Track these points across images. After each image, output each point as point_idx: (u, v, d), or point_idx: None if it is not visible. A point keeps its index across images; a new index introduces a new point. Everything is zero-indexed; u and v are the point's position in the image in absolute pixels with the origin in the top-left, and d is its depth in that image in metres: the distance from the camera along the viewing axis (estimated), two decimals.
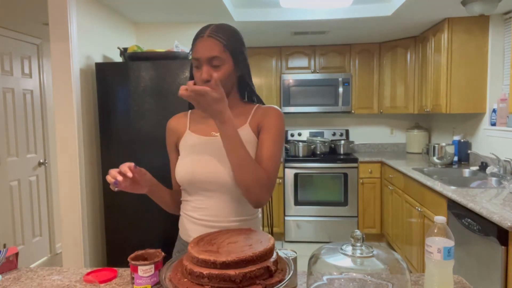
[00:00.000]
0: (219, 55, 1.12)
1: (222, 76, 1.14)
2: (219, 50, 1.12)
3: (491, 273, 1.90)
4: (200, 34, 1.14)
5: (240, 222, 1.21)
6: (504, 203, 2.05)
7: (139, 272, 1.01)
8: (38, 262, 3.62)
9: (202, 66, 1.13)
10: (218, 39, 1.12)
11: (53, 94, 2.32)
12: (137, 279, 1.01)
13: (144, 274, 1.01)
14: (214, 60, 1.12)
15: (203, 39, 1.13)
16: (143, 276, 1.01)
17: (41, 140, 3.70)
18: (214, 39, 1.12)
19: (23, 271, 1.25)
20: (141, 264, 1.01)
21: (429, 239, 0.95)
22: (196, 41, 1.14)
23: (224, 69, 1.14)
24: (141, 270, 1.01)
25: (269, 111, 1.22)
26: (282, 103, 4.34)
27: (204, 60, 1.12)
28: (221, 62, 1.13)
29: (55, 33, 2.27)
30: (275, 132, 1.19)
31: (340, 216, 4.12)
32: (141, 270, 1.01)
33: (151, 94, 2.40)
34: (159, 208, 2.41)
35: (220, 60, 1.12)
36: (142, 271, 1.01)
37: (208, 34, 1.13)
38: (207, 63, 1.12)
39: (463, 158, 3.47)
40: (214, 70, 1.13)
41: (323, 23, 3.43)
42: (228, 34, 1.15)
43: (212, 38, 1.12)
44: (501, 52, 3.12)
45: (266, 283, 0.83)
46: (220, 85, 1.03)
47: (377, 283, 0.92)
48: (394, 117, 4.69)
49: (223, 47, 1.12)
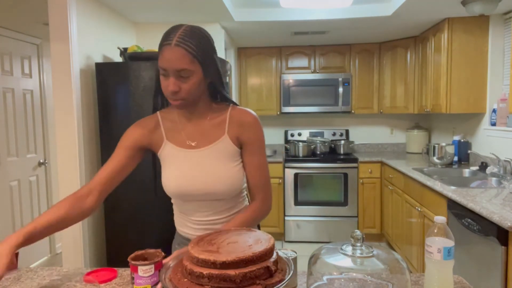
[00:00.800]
0: (187, 67, 1.05)
1: (190, 87, 1.09)
2: (187, 61, 1.05)
3: (491, 273, 1.90)
4: (166, 40, 1.06)
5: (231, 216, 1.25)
6: (504, 203, 2.05)
7: (139, 272, 1.01)
8: (38, 262, 3.62)
9: (169, 76, 1.08)
10: (186, 48, 1.04)
11: (53, 94, 2.32)
12: (137, 279, 1.01)
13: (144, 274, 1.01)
14: (182, 72, 1.06)
15: (170, 47, 1.05)
16: (143, 276, 1.01)
17: (41, 140, 3.70)
18: (182, 48, 1.04)
19: (23, 271, 1.25)
20: (141, 264, 1.01)
21: (429, 239, 0.95)
22: (163, 48, 1.07)
23: (193, 79, 1.08)
24: (141, 270, 1.01)
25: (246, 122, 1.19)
26: (282, 103, 4.34)
27: (171, 72, 1.06)
28: (189, 73, 1.07)
29: (55, 33, 2.27)
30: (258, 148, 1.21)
31: (340, 216, 4.11)
32: (141, 270, 1.01)
33: (151, 94, 2.40)
34: (159, 208, 2.41)
35: (188, 72, 1.06)
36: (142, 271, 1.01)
37: (175, 42, 1.04)
38: (174, 74, 1.07)
39: (463, 158, 3.47)
40: (182, 82, 1.08)
41: (323, 23, 3.43)
42: (197, 40, 1.07)
43: (180, 48, 1.04)
44: (501, 52, 3.12)
45: (266, 283, 0.83)
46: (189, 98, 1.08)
47: (377, 283, 0.92)
48: (394, 117, 4.69)
49: (191, 57, 1.05)
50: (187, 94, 1.09)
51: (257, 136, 1.21)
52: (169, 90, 1.08)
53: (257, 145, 1.21)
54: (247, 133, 1.19)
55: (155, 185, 1.34)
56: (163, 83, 1.10)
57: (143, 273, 1.01)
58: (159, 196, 2.40)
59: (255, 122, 1.20)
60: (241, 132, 1.19)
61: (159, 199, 2.42)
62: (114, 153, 1.22)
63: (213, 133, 1.19)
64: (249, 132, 1.19)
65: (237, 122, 1.19)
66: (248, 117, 1.20)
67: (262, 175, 1.22)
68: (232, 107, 1.23)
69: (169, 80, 1.08)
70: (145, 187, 2.42)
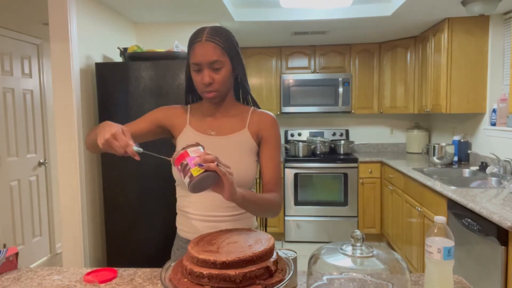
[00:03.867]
0: (219, 59, 1.15)
1: (222, 78, 1.18)
2: (218, 54, 1.15)
3: (491, 273, 1.90)
4: (196, 38, 1.16)
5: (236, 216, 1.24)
6: (504, 203, 2.05)
7: (191, 154, 0.91)
8: (38, 262, 3.62)
9: (203, 70, 1.16)
10: (216, 42, 1.15)
11: (53, 94, 2.32)
12: (191, 160, 0.90)
13: (195, 154, 0.92)
14: (215, 64, 1.15)
15: (201, 43, 1.15)
16: (195, 156, 0.91)
17: (41, 140, 3.70)
18: (212, 42, 1.14)
19: (23, 271, 1.25)
20: (189, 146, 0.93)
21: (429, 239, 0.95)
22: (194, 46, 1.16)
23: (224, 71, 1.17)
24: (191, 151, 0.92)
25: (267, 120, 1.28)
26: (282, 103, 4.34)
27: (205, 65, 1.15)
28: (221, 64, 1.16)
29: (55, 33, 2.27)
30: (277, 144, 1.28)
31: (340, 216, 4.11)
32: (191, 151, 0.92)
33: (151, 94, 2.40)
34: (159, 208, 2.42)
35: (220, 63, 1.16)
36: (193, 152, 0.92)
37: (205, 38, 1.15)
38: (208, 67, 1.15)
39: (463, 158, 3.47)
40: (215, 73, 1.17)
41: (323, 23, 3.43)
42: (224, 36, 1.17)
43: (210, 42, 1.14)
44: (501, 52, 3.12)
45: (266, 283, 0.83)
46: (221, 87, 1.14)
47: (377, 283, 0.92)
48: (394, 117, 4.69)
49: (221, 50, 1.15)
50: (219, 85, 1.18)
51: (276, 134, 1.28)
52: (204, 82, 1.16)
53: (276, 142, 1.28)
54: (267, 130, 1.26)
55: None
56: (197, 78, 1.18)
57: (194, 153, 0.92)
58: (159, 195, 2.41)
59: (275, 121, 1.29)
60: (261, 128, 1.26)
61: (159, 198, 2.42)
62: (137, 120, 1.29)
63: (233, 125, 1.26)
64: (269, 129, 1.27)
65: (257, 120, 1.27)
66: (269, 116, 1.29)
67: (278, 171, 1.26)
68: (253, 109, 1.31)
69: (202, 73, 1.16)
70: (145, 187, 2.42)
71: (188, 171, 0.89)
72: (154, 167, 2.41)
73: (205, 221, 1.22)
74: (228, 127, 1.26)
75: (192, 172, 0.89)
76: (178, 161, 0.92)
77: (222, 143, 1.23)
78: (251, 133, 1.26)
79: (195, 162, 0.90)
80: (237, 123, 1.27)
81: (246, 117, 1.28)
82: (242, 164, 1.21)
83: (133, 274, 1.19)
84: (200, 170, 0.89)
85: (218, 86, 1.18)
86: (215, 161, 0.90)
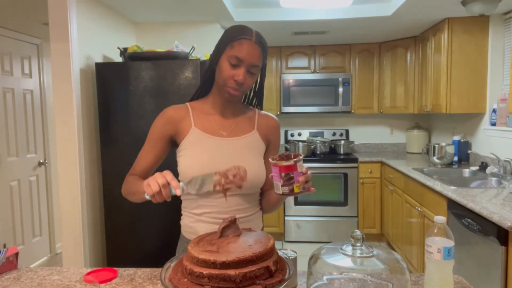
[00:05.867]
0: (259, 65, 1.17)
1: (252, 83, 1.20)
2: (260, 60, 1.17)
3: (491, 273, 1.90)
4: (246, 35, 1.15)
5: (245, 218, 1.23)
6: (504, 203, 2.05)
7: (298, 169, 0.98)
8: (38, 262, 3.62)
9: (241, 67, 1.15)
10: (262, 48, 1.17)
11: (53, 94, 2.32)
12: (297, 176, 0.98)
13: (301, 170, 0.99)
14: (254, 68, 1.16)
15: (251, 42, 1.14)
16: (301, 172, 0.98)
17: (41, 140, 3.70)
18: (260, 48, 1.16)
19: (23, 271, 1.25)
20: (299, 160, 0.97)
21: (429, 239, 0.95)
22: (242, 41, 1.14)
23: (255, 77, 1.20)
24: (299, 166, 0.98)
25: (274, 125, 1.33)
26: (282, 103, 4.34)
27: (247, 64, 1.15)
28: (257, 71, 1.19)
29: (55, 33, 2.27)
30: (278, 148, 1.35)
31: (340, 216, 4.11)
32: (299, 166, 0.98)
33: (151, 94, 2.40)
34: (159, 208, 2.41)
35: (258, 69, 1.18)
36: (300, 167, 0.98)
37: (255, 40, 1.15)
38: (247, 67, 1.15)
39: (463, 158, 3.47)
40: (249, 76, 1.17)
41: (323, 23, 3.43)
42: (265, 45, 1.19)
43: (258, 47, 1.16)
44: (501, 52, 3.12)
45: (266, 283, 0.83)
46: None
47: (377, 283, 0.92)
48: (394, 117, 4.69)
49: (262, 58, 1.18)
50: (247, 88, 1.20)
51: (279, 137, 1.36)
52: (238, 79, 1.15)
53: (279, 145, 1.35)
54: (274, 134, 1.32)
55: None
56: (230, 72, 1.15)
57: (300, 168, 0.99)
58: None
59: (279, 125, 1.35)
60: (270, 132, 1.31)
61: None
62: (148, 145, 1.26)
63: (243, 127, 1.27)
64: (275, 133, 1.33)
65: (265, 123, 1.31)
66: (275, 121, 1.34)
67: None
68: (257, 111, 1.34)
69: (239, 70, 1.15)
70: None
71: (291, 185, 1.00)
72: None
73: (214, 223, 1.20)
74: (238, 128, 1.26)
75: (294, 187, 1.00)
76: (284, 170, 0.99)
77: (234, 145, 1.23)
78: (260, 135, 1.28)
79: (300, 180, 0.99)
80: (246, 125, 1.27)
81: (254, 119, 1.30)
82: (255, 166, 1.21)
83: (133, 274, 1.19)
84: (300, 189, 1.00)
85: (246, 89, 1.19)
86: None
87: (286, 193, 1.01)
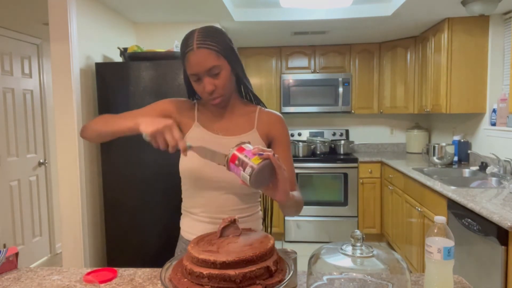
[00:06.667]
0: (216, 64, 1.09)
1: (224, 82, 1.13)
2: (214, 59, 1.09)
3: (491, 273, 1.90)
4: (187, 48, 1.10)
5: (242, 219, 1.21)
6: (504, 203, 2.05)
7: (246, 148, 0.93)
8: (38, 262, 3.62)
9: (202, 79, 1.12)
10: (208, 47, 1.09)
11: (53, 94, 2.32)
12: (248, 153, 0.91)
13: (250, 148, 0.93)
14: (213, 69, 1.10)
15: (193, 52, 1.09)
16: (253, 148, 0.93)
17: (41, 140, 3.70)
18: (205, 48, 1.08)
19: (23, 271, 1.25)
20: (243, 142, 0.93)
21: (429, 239, 0.95)
22: (187, 55, 1.10)
23: (223, 74, 1.12)
24: (246, 146, 0.93)
25: (276, 120, 1.26)
26: (282, 103, 4.34)
27: (203, 73, 1.10)
28: (219, 69, 1.11)
29: (55, 33, 2.27)
30: (288, 143, 1.28)
31: (340, 216, 4.11)
32: (246, 146, 0.93)
33: (151, 94, 2.40)
34: (159, 208, 2.42)
35: (218, 67, 1.10)
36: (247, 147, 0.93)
37: (197, 46, 1.08)
38: (207, 74, 1.11)
39: (463, 158, 3.47)
40: (215, 79, 1.12)
41: (323, 23, 3.43)
42: (216, 37, 1.11)
43: (203, 49, 1.08)
44: (501, 52, 3.12)
45: (266, 283, 0.83)
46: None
47: (377, 283, 0.92)
48: (394, 117, 4.69)
49: (216, 53, 1.09)
50: (223, 90, 1.14)
51: (286, 133, 1.27)
52: (207, 91, 1.12)
53: (287, 142, 1.27)
54: (278, 130, 1.25)
55: None
56: (198, 89, 1.15)
57: (248, 148, 0.94)
58: (160, 195, 2.40)
59: (283, 120, 1.28)
60: (271, 129, 1.25)
61: (159, 198, 2.42)
62: (144, 109, 1.26)
63: (241, 126, 1.24)
64: (279, 129, 1.25)
65: (266, 120, 1.25)
66: (277, 116, 1.27)
67: (293, 170, 1.27)
68: (260, 108, 1.29)
69: (203, 82, 1.12)
70: (145, 187, 2.42)
71: (248, 163, 0.90)
72: (155, 167, 2.41)
73: (211, 223, 1.21)
74: (236, 127, 1.24)
75: (253, 161, 0.90)
76: (234, 158, 0.92)
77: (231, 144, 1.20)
78: (260, 133, 1.24)
79: (254, 152, 0.91)
80: (245, 124, 1.25)
81: (254, 117, 1.26)
82: None
83: (133, 274, 1.19)
84: (260, 159, 0.90)
85: (222, 91, 1.14)
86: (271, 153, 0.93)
87: (251, 173, 0.89)
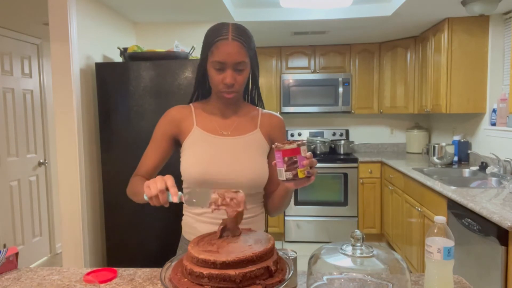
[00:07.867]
0: (244, 60, 1.12)
1: (244, 79, 1.16)
2: (244, 55, 1.12)
3: (491, 273, 1.90)
4: (222, 36, 1.11)
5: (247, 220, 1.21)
6: (504, 203, 2.05)
7: (302, 153, 0.95)
8: (38, 262, 3.62)
9: (226, 69, 1.12)
10: (242, 42, 1.11)
11: (53, 94, 2.32)
12: (301, 160, 0.95)
13: (304, 155, 0.96)
14: (239, 65, 1.12)
15: (227, 41, 1.10)
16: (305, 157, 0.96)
17: (41, 140, 3.70)
18: (239, 42, 1.11)
19: (23, 271, 1.25)
20: (302, 144, 0.95)
21: (429, 239, 0.95)
22: (218, 43, 1.11)
23: (245, 72, 1.16)
24: (303, 150, 0.95)
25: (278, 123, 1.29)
26: (282, 103, 4.34)
27: (230, 65, 1.11)
28: (244, 66, 1.14)
29: (55, 33, 2.27)
30: None
31: (340, 216, 4.11)
32: (303, 150, 0.95)
33: (151, 94, 2.40)
34: (159, 208, 2.41)
35: (244, 64, 1.13)
36: (304, 151, 0.95)
37: (232, 37, 1.10)
38: (232, 67, 1.12)
39: (463, 158, 3.47)
40: (238, 74, 1.14)
41: (323, 23, 3.43)
42: (247, 36, 1.14)
43: (237, 42, 1.10)
44: (501, 52, 3.12)
45: (266, 283, 0.83)
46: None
47: (377, 283, 0.92)
48: (394, 117, 4.69)
49: (246, 50, 1.12)
50: (240, 86, 1.16)
51: (285, 135, 1.31)
52: (226, 83, 1.13)
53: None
54: (278, 132, 1.28)
55: None
56: (217, 77, 1.14)
57: (304, 153, 0.96)
58: None
59: (284, 124, 1.32)
60: (273, 131, 1.27)
61: None
62: (152, 145, 1.27)
63: (245, 126, 1.25)
64: (279, 132, 1.29)
65: (268, 122, 1.28)
66: (279, 119, 1.30)
67: None
68: (261, 109, 1.31)
69: (225, 73, 1.13)
70: None
71: (295, 169, 0.96)
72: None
73: (214, 223, 1.20)
74: (240, 127, 1.24)
75: (298, 172, 0.96)
76: (288, 154, 0.95)
77: (236, 143, 1.21)
78: (263, 134, 1.25)
79: (305, 164, 0.96)
80: (248, 124, 1.25)
81: (257, 117, 1.27)
82: (257, 164, 1.20)
83: (133, 274, 1.19)
84: (304, 174, 0.97)
85: (239, 87, 1.16)
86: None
87: (290, 179, 0.96)
